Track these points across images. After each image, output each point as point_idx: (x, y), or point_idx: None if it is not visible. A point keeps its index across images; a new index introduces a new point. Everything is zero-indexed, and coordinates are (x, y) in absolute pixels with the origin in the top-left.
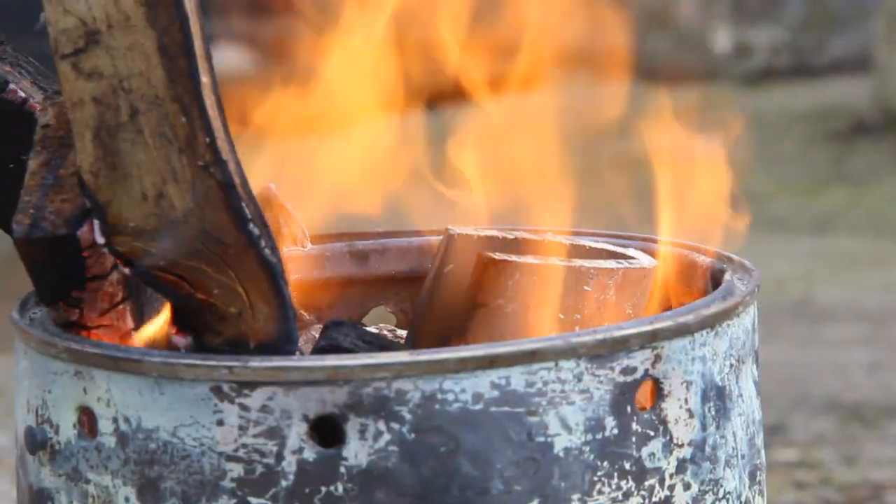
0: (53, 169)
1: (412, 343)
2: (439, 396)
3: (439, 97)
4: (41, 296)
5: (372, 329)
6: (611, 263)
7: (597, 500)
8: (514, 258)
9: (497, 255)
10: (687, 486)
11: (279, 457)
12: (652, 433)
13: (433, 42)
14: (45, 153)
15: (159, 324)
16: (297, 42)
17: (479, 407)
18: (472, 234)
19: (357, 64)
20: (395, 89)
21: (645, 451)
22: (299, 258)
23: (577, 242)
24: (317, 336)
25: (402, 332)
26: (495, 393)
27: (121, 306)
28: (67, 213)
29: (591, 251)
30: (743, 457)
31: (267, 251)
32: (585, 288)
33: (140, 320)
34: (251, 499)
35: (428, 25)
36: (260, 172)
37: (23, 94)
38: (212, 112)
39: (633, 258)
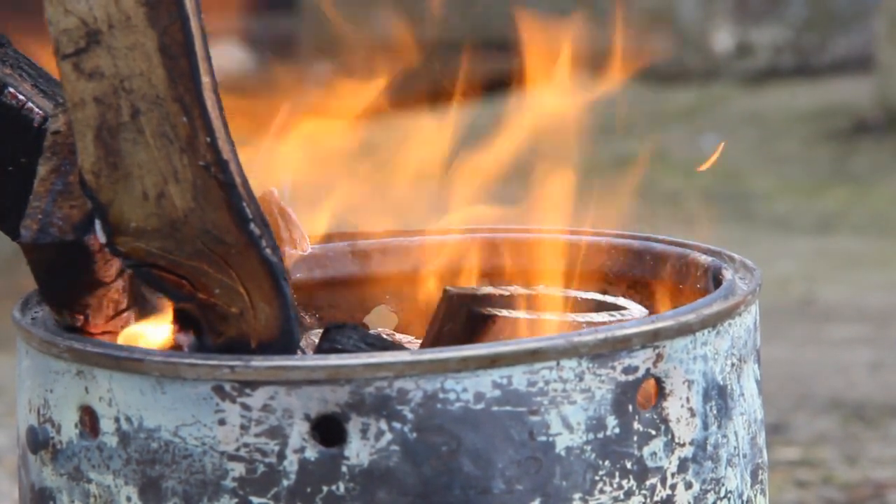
0: (63, 175)
1: None
2: (441, 396)
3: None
4: (47, 301)
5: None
6: (603, 316)
7: (598, 499)
8: (506, 313)
9: (488, 311)
10: (689, 486)
11: (281, 456)
12: (653, 432)
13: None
14: (55, 159)
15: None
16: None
17: (480, 406)
18: (469, 293)
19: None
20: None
21: (646, 451)
22: (301, 258)
23: (568, 294)
24: (317, 340)
25: (401, 336)
26: (497, 392)
27: (125, 314)
28: (75, 220)
29: (583, 302)
30: (744, 456)
31: (268, 251)
32: None
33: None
34: (253, 498)
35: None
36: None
37: (22, 97)
38: (212, 112)
39: (624, 308)
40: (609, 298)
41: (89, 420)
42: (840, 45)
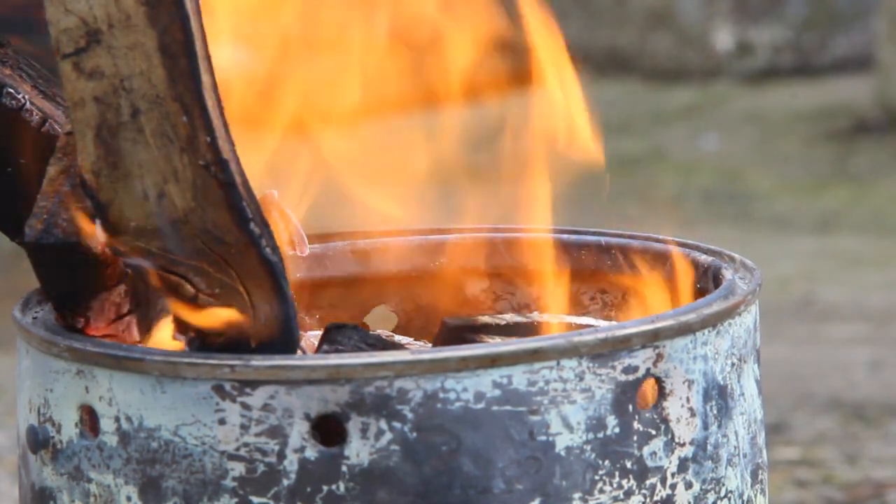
0: (72, 176)
1: None
2: (441, 395)
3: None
4: (49, 301)
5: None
6: None
7: (598, 499)
8: (497, 339)
9: (483, 339)
10: (689, 485)
11: (281, 456)
12: (653, 432)
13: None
14: (65, 160)
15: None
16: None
17: (480, 406)
18: (466, 323)
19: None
20: (395, 88)
21: (646, 450)
22: (301, 257)
23: (563, 321)
24: (317, 340)
25: (400, 338)
26: (497, 392)
27: (127, 318)
28: (80, 222)
29: (578, 328)
30: (745, 456)
31: (268, 250)
32: None
33: (146, 334)
34: (253, 498)
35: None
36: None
37: (21, 98)
38: (213, 111)
39: None
40: (603, 324)
41: (89, 419)
42: (840, 44)
